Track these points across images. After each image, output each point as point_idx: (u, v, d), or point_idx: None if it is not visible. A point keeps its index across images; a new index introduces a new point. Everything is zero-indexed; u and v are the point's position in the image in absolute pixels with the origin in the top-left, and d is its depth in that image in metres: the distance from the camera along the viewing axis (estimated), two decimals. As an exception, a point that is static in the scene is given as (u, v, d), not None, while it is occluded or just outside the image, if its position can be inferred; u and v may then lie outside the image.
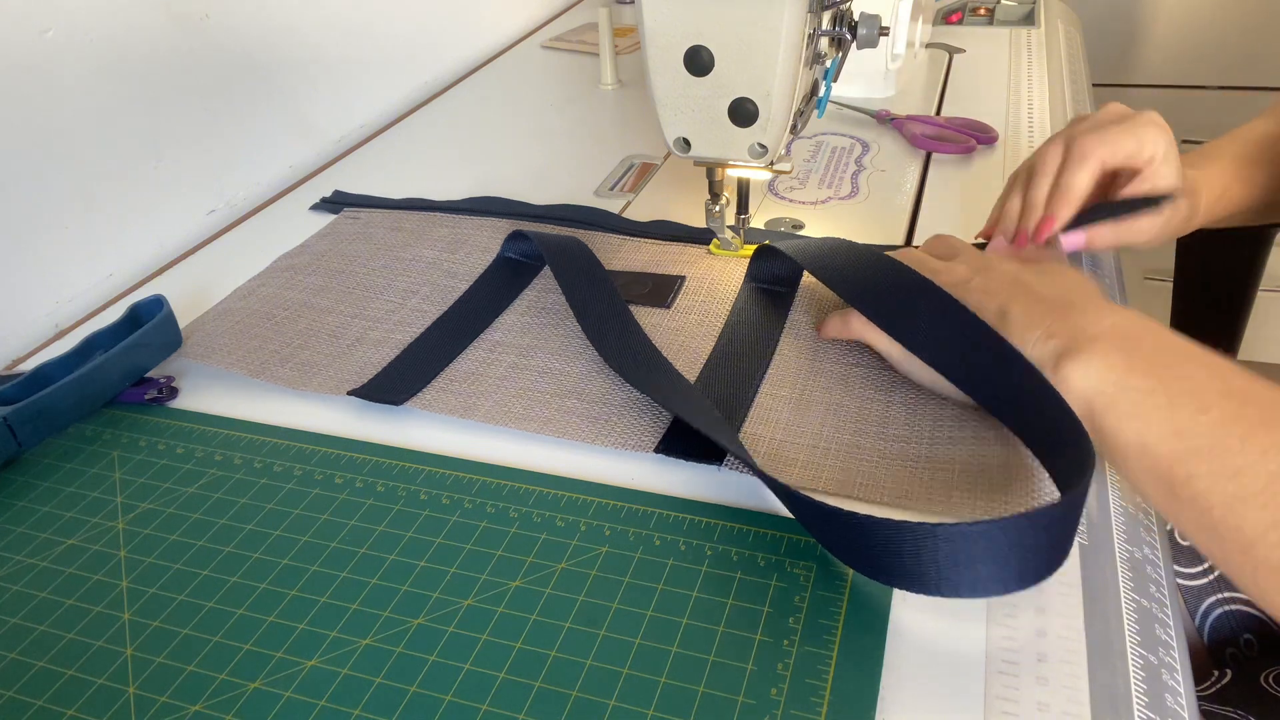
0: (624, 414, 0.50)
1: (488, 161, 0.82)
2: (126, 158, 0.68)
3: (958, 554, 0.35)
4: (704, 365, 0.53)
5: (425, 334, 0.58)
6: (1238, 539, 0.36)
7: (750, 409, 0.50)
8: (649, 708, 0.35)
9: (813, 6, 0.51)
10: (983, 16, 1.10)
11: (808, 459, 0.46)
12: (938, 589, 0.36)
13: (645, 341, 0.54)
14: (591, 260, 0.60)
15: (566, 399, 0.51)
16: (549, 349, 0.56)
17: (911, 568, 0.36)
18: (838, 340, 0.54)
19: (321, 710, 0.36)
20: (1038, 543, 0.36)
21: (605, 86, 0.98)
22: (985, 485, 0.43)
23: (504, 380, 0.53)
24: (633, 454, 0.47)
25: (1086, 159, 0.52)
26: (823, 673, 0.36)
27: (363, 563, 0.42)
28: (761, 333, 0.56)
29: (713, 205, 0.63)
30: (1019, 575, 0.36)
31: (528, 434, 0.49)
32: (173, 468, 0.49)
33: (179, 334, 0.57)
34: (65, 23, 0.62)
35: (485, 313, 0.60)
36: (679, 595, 0.40)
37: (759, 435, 0.48)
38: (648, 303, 0.59)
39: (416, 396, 0.52)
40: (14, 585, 0.43)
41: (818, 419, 0.49)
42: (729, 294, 0.60)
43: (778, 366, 0.53)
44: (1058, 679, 0.35)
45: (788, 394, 0.51)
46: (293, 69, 0.83)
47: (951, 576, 0.36)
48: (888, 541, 0.36)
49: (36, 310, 0.63)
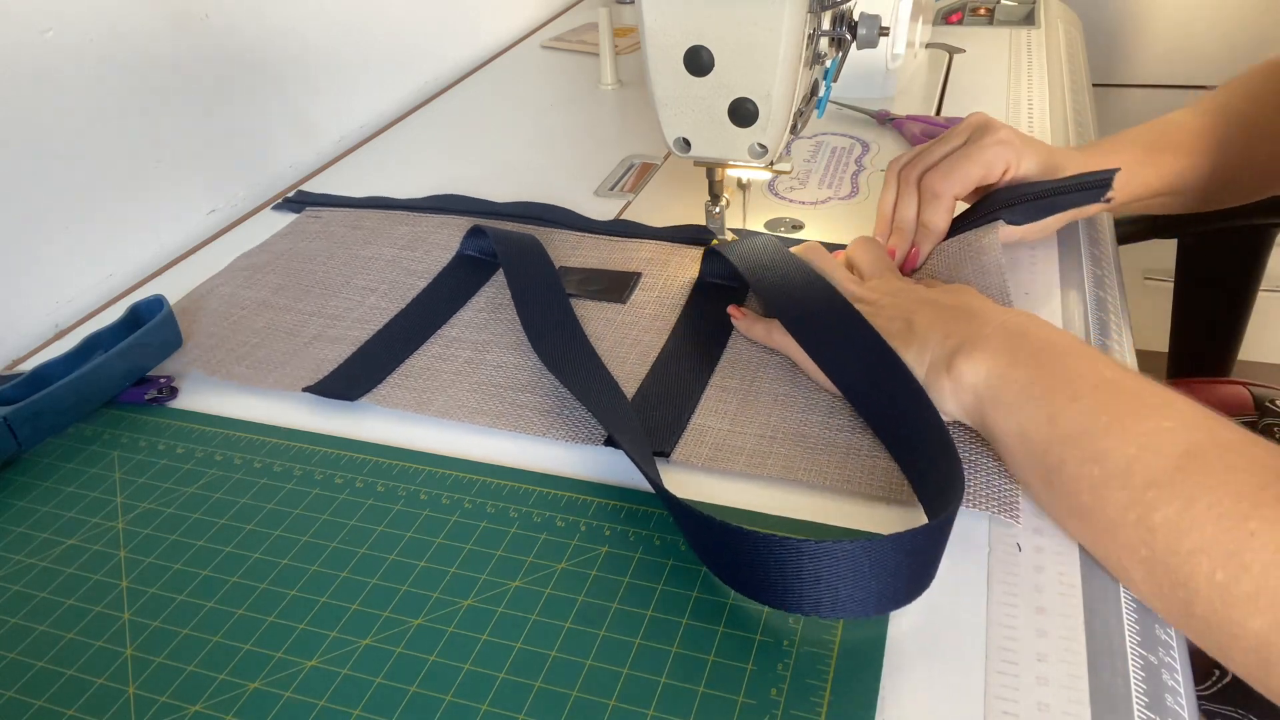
0: (578, 406, 0.50)
1: (488, 162, 0.82)
2: (126, 158, 0.68)
3: (820, 572, 0.36)
4: (655, 360, 0.54)
5: (382, 330, 0.59)
6: (1102, 521, 0.37)
7: (700, 401, 0.51)
8: (649, 708, 0.35)
9: (813, 6, 0.51)
10: (983, 16, 1.10)
11: (755, 447, 0.47)
12: (799, 606, 0.37)
13: (585, 348, 0.54)
14: (544, 260, 0.61)
15: (521, 393, 0.52)
16: (504, 344, 0.57)
17: (777, 582, 0.37)
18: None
19: (321, 710, 0.36)
20: (899, 567, 0.36)
21: (605, 86, 0.98)
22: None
23: (459, 375, 0.54)
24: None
25: (940, 198, 0.56)
26: (823, 673, 0.36)
27: (362, 563, 0.42)
28: (713, 327, 0.56)
29: (713, 205, 0.63)
30: (878, 598, 0.36)
31: (526, 434, 0.49)
32: (173, 468, 0.49)
33: (179, 334, 0.57)
34: (65, 23, 0.62)
35: (443, 309, 0.60)
36: (679, 595, 0.39)
37: (707, 426, 0.49)
38: (604, 298, 0.60)
39: (371, 392, 0.53)
40: (14, 585, 0.43)
41: (765, 410, 0.49)
42: (683, 290, 0.60)
43: (728, 360, 0.54)
44: (1058, 679, 0.35)
45: (737, 385, 0.52)
46: (293, 69, 0.83)
47: (812, 594, 0.36)
48: (756, 554, 0.37)
49: (36, 310, 0.63)
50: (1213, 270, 1.12)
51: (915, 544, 0.36)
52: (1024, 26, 1.06)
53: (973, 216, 0.57)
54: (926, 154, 0.58)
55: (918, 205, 0.57)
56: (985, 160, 0.56)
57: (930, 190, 0.56)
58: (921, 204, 0.56)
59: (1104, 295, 0.60)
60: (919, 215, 0.57)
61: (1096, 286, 0.60)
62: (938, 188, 0.56)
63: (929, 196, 0.56)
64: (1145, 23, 1.53)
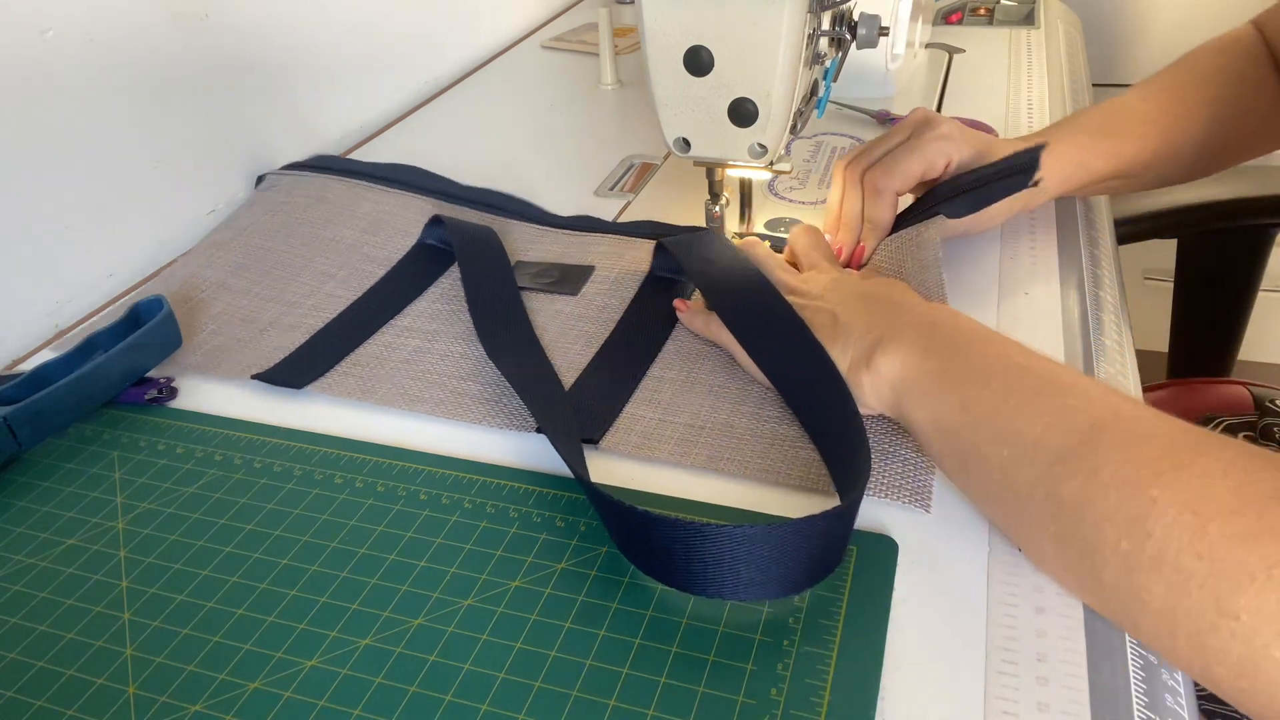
0: (516, 396, 0.51)
1: (488, 162, 0.82)
2: (126, 158, 0.68)
3: (721, 554, 0.37)
4: (597, 351, 0.55)
5: (336, 320, 0.59)
6: (1013, 499, 0.38)
7: (636, 391, 0.51)
8: (649, 708, 0.35)
9: (813, 6, 0.51)
10: (983, 16, 1.10)
11: (682, 436, 0.48)
12: (703, 589, 0.38)
13: (529, 338, 0.55)
14: (499, 253, 0.62)
15: (465, 381, 0.53)
16: (454, 334, 0.57)
17: (683, 565, 0.38)
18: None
19: (321, 710, 0.36)
20: (800, 551, 0.37)
21: (605, 86, 0.98)
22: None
23: (405, 364, 0.55)
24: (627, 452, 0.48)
25: (882, 194, 0.56)
26: (823, 673, 0.36)
27: (362, 563, 0.42)
28: (658, 320, 0.57)
29: (713, 205, 0.63)
30: (780, 582, 0.38)
31: (526, 433, 0.49)
32: (173, 468, 0.49)
33: (179, 334, 0.57)
34: (65, 23, 0.62)
35: (398, 299, 0.61)
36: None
37: (639, 415, 0.50)
38: (556, 291, 0.61)
39: (318, 380, 0.54)
40: (14, 585, 0.43)
41: (698, 400, 0.50)
42: (634, 284, 0.61)
43: (669, 351, 0.55)
44: (1058, 679, 0.35)
45: (674, 376, 0.52)
46: (293, 69, 0.83)
47: (715, 577, 0.37)
48: (663, 538, 0.38)
49: (36, 310, 0.63)
50: (1213, 270, 1.12)
51: (816, 529, 0.37)
52: (1024, 26, 1.06)
53: (915, 212, 0.58)
54: (870, 150, 0.59)
55: (862, 201, 0.58)
56: (926, 155, 0.57)
57: (873, 186, 0.57)
58: (865, 200, 0.57)
59: (1104, 295, 0.60)
60: (864, 211, 0.58)
61: (1096, 286, 0.60)
62: (880, 184, 0.56)
63: (872, 192, 0.57)
64: (1145, 23, 1.53)
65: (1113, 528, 0.33)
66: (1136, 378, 0.54)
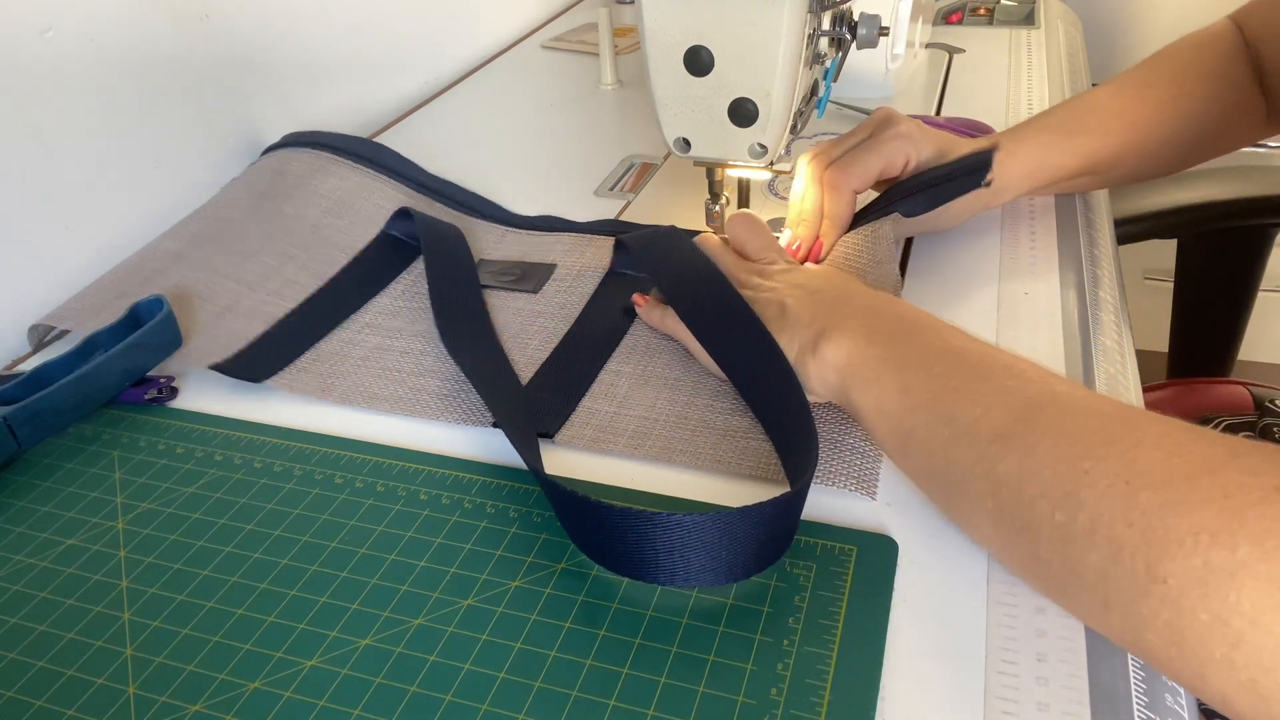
0: (474, 391, 0.51)
1: (487, 162, 0.82)
2: (126, 158, 0.68)
3: (673, 542, 0.38)
4: (556, 346, 0.55)
5: (297, 311, 0.59)
6: (952, 480, 0.38)
7: (592, 385, 0.52)
8: (649, 708, 0.35)
9: (813, 6, 0.51)
10: (983, 16, 1.10)
11: (636, 429, 0.48)
12: (654, 576, 0.39)
13: (488, 334, 0.56)
14: (463, 251, 0.63)
15: (423, 378, 0.53)
16: (415, 331, 0.58)
17: (634, 553, 0.39)
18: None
19: (321, 710, 0.36)
20: (748, 538, 0.38)
21: (605, 86, 0.98)
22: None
23: (365, 361, 0.55)
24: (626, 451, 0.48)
25: (840, 190, 0.57)
26: (823, 673, 0.36)
27: (362, 562, 0.42)
28: (617, 315, 0.58)
29: (713, 205, 0.63)
30: (729, 567, 0.39)
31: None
32: (173, 468, 0.49)
33: (179, 334, 0.57)
34: (65, 23, 0.62)
35: (359, 293, 0.61)
36: (679, 595, 0.40)
37: (595, 409, 0.50)
38: (518, 288, 0.61)
39: (278, 375, 0.54)
40: (14, 585, 0.43)
41: (654, 393, 0.51)
42: (594, 280, 0.62)
43: (627, 345, 0.55)
44: (1058, 679, 0.35)
45: (630, 370, 0.53)
46: (293, 69, 0.83)
47: (667, 564, 0.39)
48: (615, 528, 0.39)
49: (36, 310, 0.63)
50: (1213, 270, 1.12)
51: (764, 516, 0.38)
52: (1024, 26, 1.06)
53: (873, 209, 0.59)
54: (832, 148, 0.59)
55: (822, 197, 0.58)
56: (885, 153, 0.57)
57: (832, 183, 0.57)
58: (825, 196, 0.58)
59: (1103, 295, 0.60)
60: (823, 207, 0.58)
61: (1095, 286, 0.60)
62: (838, 181, 0.57)
63: (831, 189, 0.57)
64: (1145, 23, 1.53)
65: (1047, 502, 0.33)
66: (1136, 378, 0.54)
